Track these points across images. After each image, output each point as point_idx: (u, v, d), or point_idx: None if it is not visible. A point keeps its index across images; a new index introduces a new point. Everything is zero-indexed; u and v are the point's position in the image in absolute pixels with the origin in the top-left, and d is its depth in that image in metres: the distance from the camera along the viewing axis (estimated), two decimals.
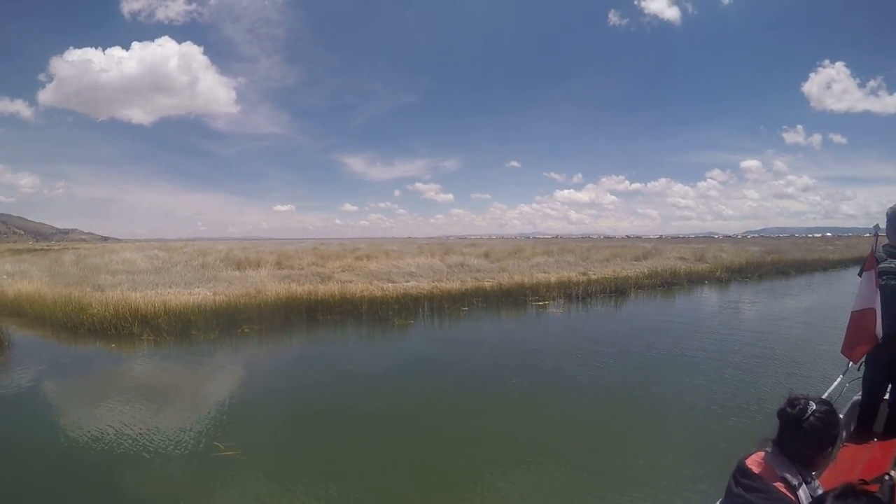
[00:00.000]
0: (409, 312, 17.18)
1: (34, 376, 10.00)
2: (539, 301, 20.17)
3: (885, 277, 3.72)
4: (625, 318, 17.35)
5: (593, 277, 25.04)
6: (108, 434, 6.93)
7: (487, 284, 21.40)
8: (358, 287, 19.54)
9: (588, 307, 19.65)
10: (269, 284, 19.27)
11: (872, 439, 3.78)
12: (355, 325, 15.75)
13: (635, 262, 32.30)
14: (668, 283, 25.14)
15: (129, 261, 27.85)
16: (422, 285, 21.01)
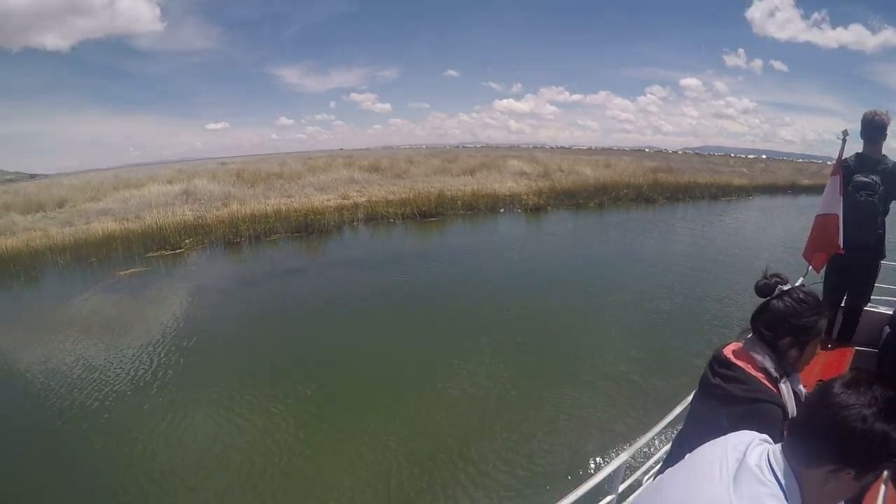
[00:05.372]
0: None
1: None
2: (174, 250, 15.57)
3: (861, 193, 3.71)
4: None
5: (350, 202, 20.80)
6: None
7: (134, 227, 16.97)
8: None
9: (243, 257, 15.26)
10: None
11: (828, 344, 3.93)
12: None
13: (456, 178, 25.93)
14: (424, 214, 18.21)
15: None
16: (90, 228, 17.21)
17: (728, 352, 1.75)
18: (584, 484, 2.07)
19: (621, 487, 2.41)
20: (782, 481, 1.14)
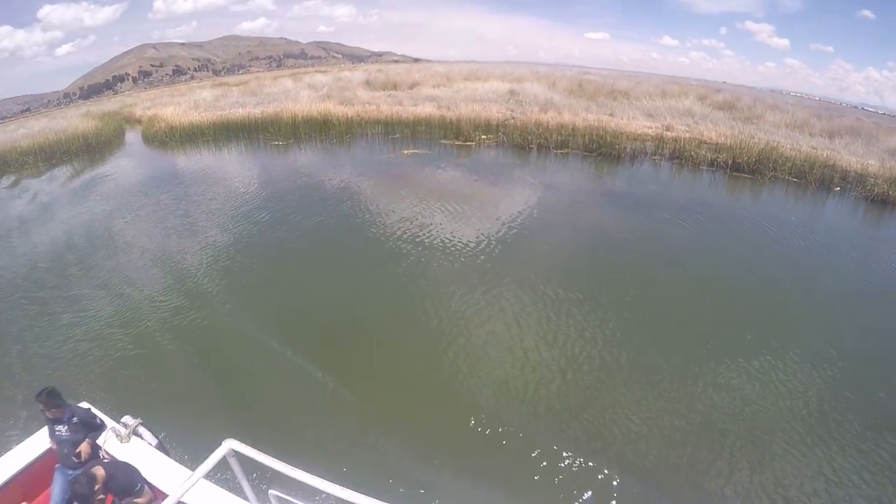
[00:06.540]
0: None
1: None
2: (464, 141, 17.57)
3: None
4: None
5: (668, 135, 18.78)
6: None
7: (443, 115, 19.09)
8: (354, 109, 20.24)
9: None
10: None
11: None
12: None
13: (811, 138, 19.70)
14: (737, 167, 15.98)
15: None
16: (412, 110, 20.23)
17: None
18: None
19: None
20: None
